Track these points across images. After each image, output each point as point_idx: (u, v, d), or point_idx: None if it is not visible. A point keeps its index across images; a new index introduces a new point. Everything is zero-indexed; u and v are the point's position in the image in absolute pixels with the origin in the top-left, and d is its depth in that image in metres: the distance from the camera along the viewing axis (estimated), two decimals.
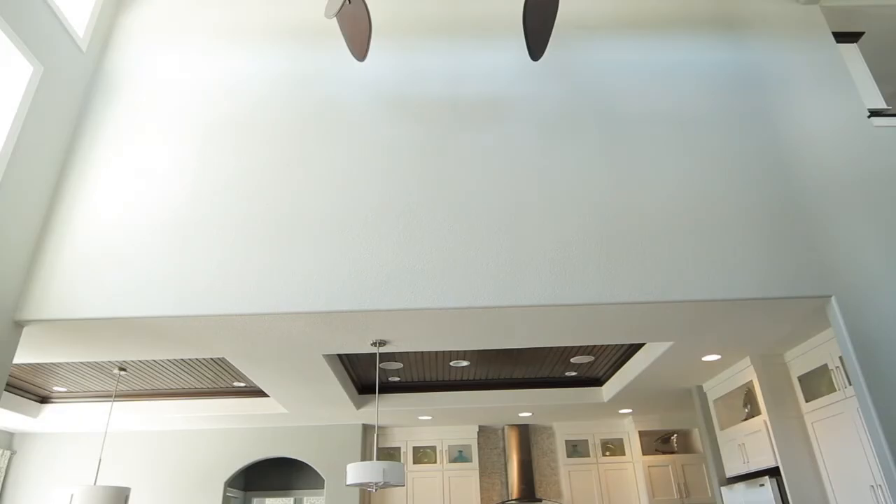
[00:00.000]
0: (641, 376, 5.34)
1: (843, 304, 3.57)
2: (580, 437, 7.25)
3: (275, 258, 3.62)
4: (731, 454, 5.23)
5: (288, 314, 3.52)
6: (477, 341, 4.14)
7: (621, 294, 3.53)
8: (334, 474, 6.66)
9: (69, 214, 3.75)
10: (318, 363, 4.65)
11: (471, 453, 7.13)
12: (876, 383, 3.39)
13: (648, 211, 3.78)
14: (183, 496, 6.63)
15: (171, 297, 3.50)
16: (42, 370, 5.41)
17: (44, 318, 3.45)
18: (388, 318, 3.66)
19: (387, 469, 3.88)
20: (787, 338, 4.39)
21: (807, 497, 4.36)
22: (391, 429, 7.20)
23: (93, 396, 6.26)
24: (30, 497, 6.61)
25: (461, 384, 6.31)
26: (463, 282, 3.55)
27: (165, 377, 5.73)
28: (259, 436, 6.91)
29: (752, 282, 3.58)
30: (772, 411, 4.64)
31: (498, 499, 7.19)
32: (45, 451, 6.83)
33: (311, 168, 3.91)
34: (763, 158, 3.99)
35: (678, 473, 6.73)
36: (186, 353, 4.19)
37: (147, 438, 6.90)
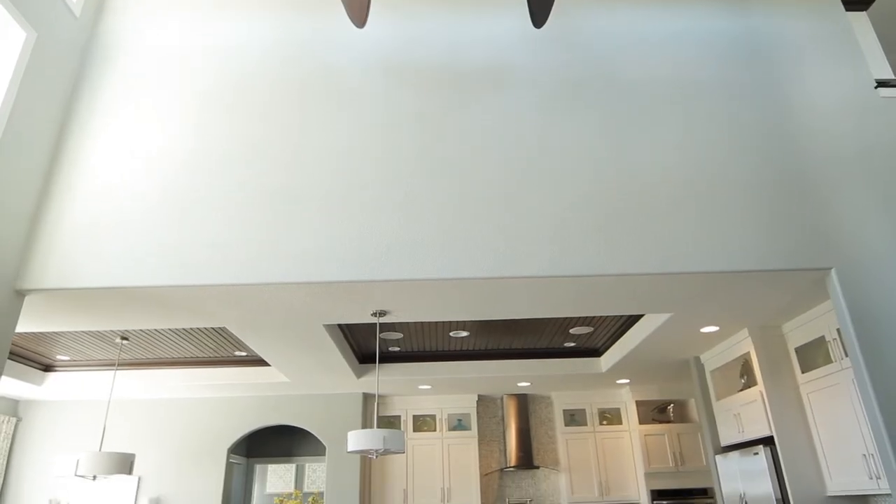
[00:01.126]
0: (640, 347, 5.38)
1: (843, 277, 3.57)
2: (578, 407, 7.34)
3: (274, 228, 3.61)
4: (727, 424, 5.30)
5: (288, 284, 3.52)
6: (476, 312, 4.16)
7: (621, 266, 3.53)
8: (335, 442, 6.77)
9: (67, 183, 3.72)
10: (319, 333, 4.68)
11: (470, 422, 7.23)
12: (872, 355, 3.41)
13: (649, 182, 3.75)
14: (187, 463, 6.75)
15: (170, 266, 3.51)
16: (45, 339, 5.45)
17: (44, 288, 3.46)
18: (388, 289, 3.66)
19: (387, 436, 3.94)
20: (785, 310, 4.41)
21: (800, 465, 4.44)
22: (391, 398, 7.30)
23: (96, 365, 6.33)
24: (36, 463, 6.74)
25: (461, 354, 6.37)
26: (463, 253, 3.55)
27: (167, 346, 5.78)
28: (261, 404, 7.00)
29: (752, 254, 3.58)
30: (768, 382, 4.69)
31: (496, 466, 7.32)
32: (50, 418, 6.93)
33: (309, 137, 3.87)
34: (766, 129, 3.95)
35: (674, 442, 6.84)
36: (188, 322, 4.21)
37: (150, 406, 7.00)
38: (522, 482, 7.26)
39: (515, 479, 7.27)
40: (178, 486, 6.65)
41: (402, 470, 6.97)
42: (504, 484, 7.26)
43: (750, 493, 4.83)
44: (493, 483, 7.24)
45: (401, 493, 6.87)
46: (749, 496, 4.84)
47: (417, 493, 6.87)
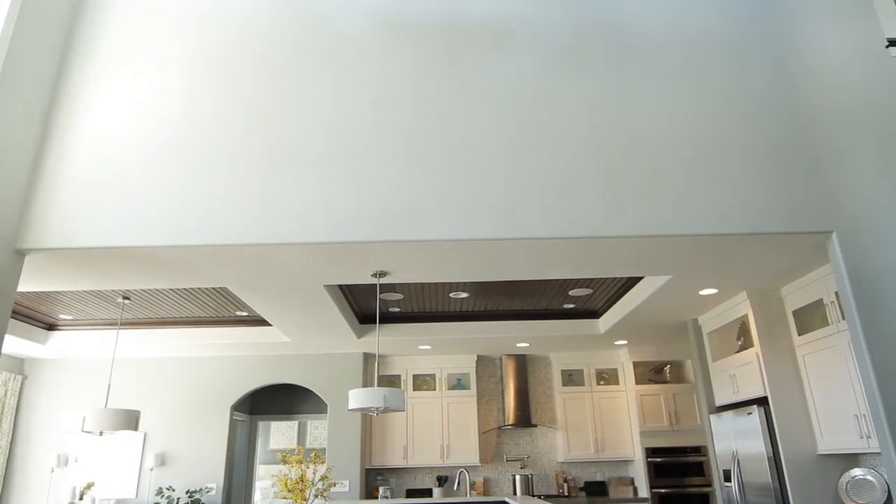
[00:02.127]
0: (638, 309, 5.42)
1: (844, 240, 3.56)
2: (576, 367, 7.44)
3: (272, 188, 3.58)
4: (722, 384, 5.38)
5: (287, 245, 3.52)
6: (476, 273, 4.17)
7: (621, 227, 3.52)
8: (336, 400, 6.89)
9: (63, 142, 3.68)
10: (319, 293, 4.71)
11: (469, 381, 7.34)
12: (869, 318, 3.43)
13: (651, 142, 3.71)
14: (191, 420, 6.89)
15: (168, 226, 3.49)
16: (47, 298, 5.49)
17: (44, 247, 3.45)
18: (388, 250, 3.66)
19: (387, 395, 4.00)
20: (784, 273, 4.42)
21: (792, 425, 4.53)
22: (392, 357, 7.39)
23: (99, 324, 6.39)
24: (43, 419, 6.87)
25: (460, 315, 6.41)
26: (462, 213, 3.53)
27: (169, 306, 5.82)
28: (263, 363, 7.09)
29: (754, 216, 3.56)
30: (764, 344, 4.74)
31: (495, 424, 7.47)
32: (56, 376, 7.03)
33: (305, 95, 3.80)
34: (771, 89, 3.87)
35: (669, 402, 6.96)
36: (188, 282, 4.22)
37: (154, 365, 7.10)
38: (520, 440, 7.42)
39: (513, 437, 7.42)
40: (183, 442, 6.80)
41: (402, 427, 7.11)
42: (502, 441, 7.42)
43: (742, 451, 4.94)
44: (491, 440, 7.40)
45: (401, 450, 7.02)
46: (741, 454, 4.95)
47: (417, 450, 7.02)
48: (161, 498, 6.50)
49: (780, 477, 4.49)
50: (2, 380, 6.61)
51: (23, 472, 6.68)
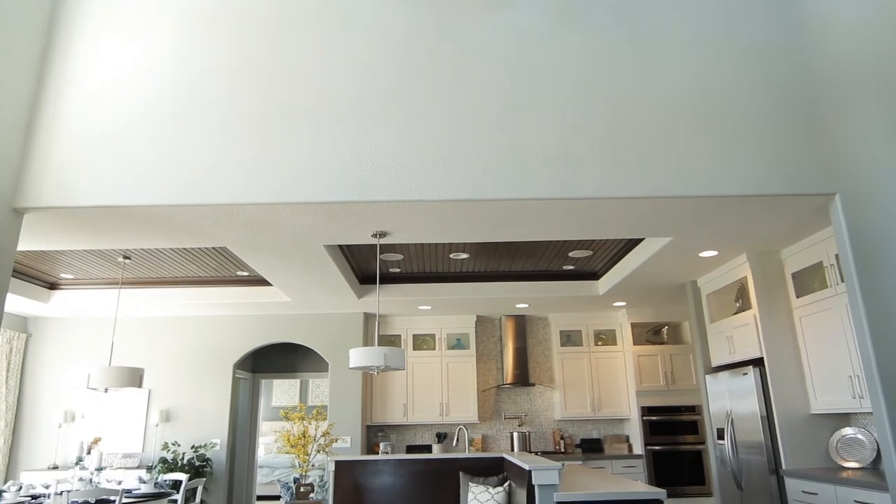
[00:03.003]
0: (638, 271, 5.43)
1: (847, 203, 3.54)
2: (574, 328, 7.51)
3: (270, 147, 3.54)
4: (719, 345, 5.44)
5: (286, 204, 3.50)
6: (476, 234, 4.17)
7: (623, 188, 3.50)
8: (337, 359, 6.98)
9: (56, 101, 3.62)
10: (319, 253, 4.71)
11: (468, 341, 7.43)
12: (868, 280, 3.45)
13: (654, 103, 3.65)
14: (195, 377, 6.99)
15: (166, 185, 3.47)
16: (47, 257, 5.50)
17: (41, 206, 3.44)
18: (388, 210, 3.65)
19: (388, 353, 4.05)
20: (785, 235, 4.41)
21: (786, 385, 4.60)
22: (392, 317, 7.45)
23: (100, 283, 6.42)
24: (48, 377, 6.98)
25: (460, 276, 6.44)
26: (463, 173, 3.50)
27: (169, 266, 5.83)
28: (264, 322, 7.16)
29: (757, 177, 3.53)
30: (762, 306, 4.77)
31: (494, 383, 7.59)
32: (59, 334, 7.11)
33: (302, 52, 3.72)
34: (776, 49, 3.79)
35: (666, 362, 7.05)
36: (187, 242, 4.22)
37: (157, 324, 7.16)
38: (518, 398, 7.55)
39: (512, 396, 7.56)
40: (187, 400, 6.92)
41: (402, 386, 7.23)
42: (501, 399, 7.55)
43: (736, 410, 5.03)
44: (490, 399, 7.53)
45: (401, 408, 7.16)
46: (735, 413, 5.04)
47: (417, 408, 7.16)
48: (167, 453, 6.66)
49: (772, 435, 4.59)
50: (6, 338, 6.68)
51: (31, 428, 6.82)
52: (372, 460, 4.80)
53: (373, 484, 4.73)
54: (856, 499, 3.69)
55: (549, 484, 3.31)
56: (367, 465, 4.78)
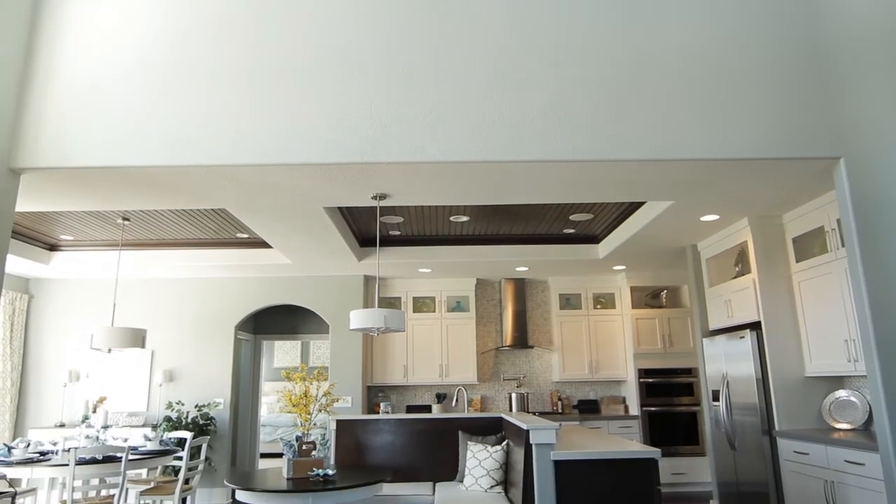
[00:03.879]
0: (639, 234, 5.42)
1: (851, 167, 3.51)
2: (573, 291, 7.55)
3: (269, 107, 3.49)
4: (717, 309, 5.48)
5: (284, 165, 3.47)
6: (477, 196, 4.14)
7: (625, 151, 3.46)
8: (338, 320, 7.04)
9: (49, 60, 3.55)
10: (319, 216, 4.69)
11: (468, 304, 7.48)
12: (869, 245, 3.44)
13: (656, 63, 3.57)
14: (197, 339, 7.06)
15: (162, 146, 3.43)
16: (46, 219, 5.48)
17: (38, 167, 3.41)
18: (388, 172, 3.62)
19: (388, 315, 4.08)
20: (788, 199, 4.38)
21: (782, 348, 4.64)
22: (392, 280, 7.48)
23: (100, 245, 6.42)
24: (52, 337, 7.05)
25: (460, 239, 6.44)
26: (464, 135, 3.46)
27: (169, 227, 5.82)
28: (265, 284, 7.19)
29: (761, 140, 3.49)
30: (762, 270, 4.78)
31: (493, 345, 7.67)
32: (61, 295, 7.14)
33: (299, 9, 3.62)
34: (782, 8, 3.68)
35: (664, 326, 7.11)
36: (186, 203, 4.20)
37: (158, 285, 7.19)
38: (517, 360, 7.64)
39: (510, 358, 7.65)
40: (190, 360, 7.00)
41: (402, 347, 7.31)
42: (499, 361, 7.65)
43: (732, 373, 5.09)
44: (489, 360, 7.63)
45: (401, 369, 7.26)
46: (731, 376, 5.11)
47: (417, 369, 7.25)
48: (171, 412, 6.77)
49: (766, 397, 4.66)
50: (8, 299, 6.72)
51: (37, 387, 6.92)
52: (372, 419, 4.89)
53: (373, 442, 4.83)
54: (846, 458, 3.77)
55: (546, 443, 3.38)
56: (368, 425, 4.87)
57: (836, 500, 3.85)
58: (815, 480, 4.07)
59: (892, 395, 3.28)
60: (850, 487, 3.73)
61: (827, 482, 3.93)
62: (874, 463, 3.52)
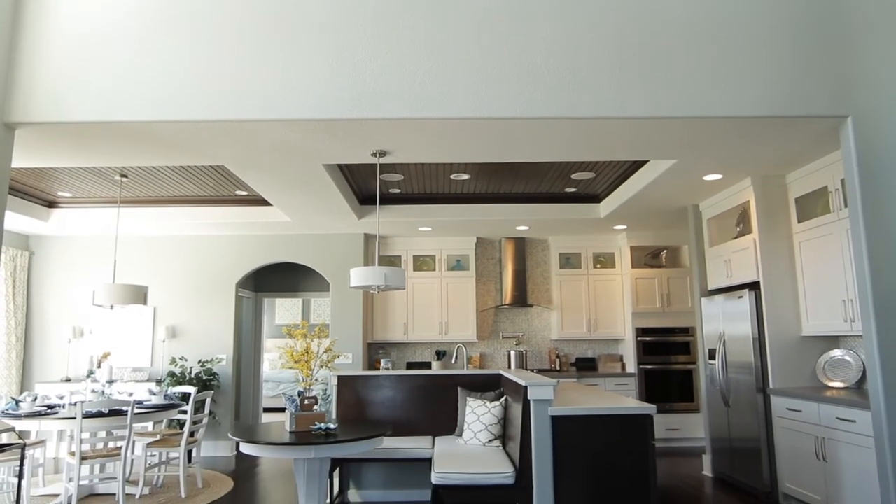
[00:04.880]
0: (640, 194, 5.39)
1: (859, 126, 3.46)
2: (574, 251, 7.56)
3: (268, 61, 3.41)
4: (717, 269, 5.49)
5: (283, 121, 3.42)
6: (478, 154, 4.10)
7: (630, 108, 3.40)
8: (338, 278, 7.07)
9: (40, 9, 3.44)
10: (319, 173, 4.65)
11: (468, 262, 7.50)
12: (873, 205, 3.42)
13: (663, 20, 3.47)
14: (198, 296, 7.11)
15: (158, 100, 3.37)
16: (44, 175, 5.43)
17: (32, 121, 3.36)
18: (388, 128, 3.56)
19: (388, 273, 4.09)
20: (792, 159, 4.34)
21: (780, 308, 4.67)
22: (392, 238, 7.48)
23: (98, 202, 6.39)
24: (54, 294, 7.09)
25: (461, 197, 6.40)
26: (466, 90, 3.40)
27: (168, 184, 5.78)
28: (266, 242, 7.19)
29: (768, 98, 3.42)
30: (763, 230, 4.77)
31: (492, 304, 7.73)
32: (62, 252, 7.15)
33: None
34: None
35: (663, 285, 7.15)
36: (184, 159, 4.16)
37: (158, 243, 7.20)
38: (516, 318, 7.71)
39: (510, 316, 7.72)
40: (192, 317, 7.06)
41: (402, 305, 7.36)
42: (499, 320, 7.72)
43: (729, 332, 5.14)
44: (488, 319, 7.70)
45: (401, 326, 7.33)
46: (728, 335, 5.16)
47: (417, 326, 7.33)
48: (175, 367, 6.88)
49: (762, 356, 4.72)
50: (9, 256, 6.73)
51: (42, 342, 7.01)
52: (373, 375, 4.96)
53: (374, 398, 4.91)
54: (838, 416, 3.84)
55: (543, 399, 3.44)
56: (369, 380, 4.94)
57: (826, 456, 3.94)
58: (806, 437, 4.16)
59: (886, 353, 3.32)
60: (840, 444, 3.82)
61: (818, 438, 4.02)
62: (865, 420, 3.59)
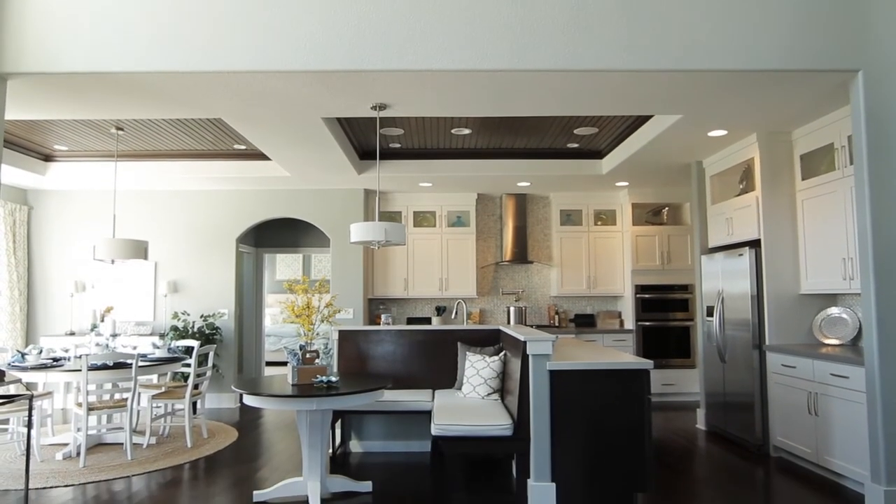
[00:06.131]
0: (644, 150, 5.32)
1: (869, 80, 3.39)
2: (575, 208, 7.53)
3: (264, 11, 3.31)
4: (718, 227, 5.47)
5: (281, 72, 3.34)
6: (480, 108, 4.02)
7: (637, 61, 3.32)
8: (338, 234, 7.07)
9: None
10: (318, 126, 4.58)
11: (469, 219, 7.47)
12: (879, 162, 3.39)
13: None
14: (198, 251, 7.11)
15: (152, 50, 3.29)
16: (39, 128, 5.35)
17: (23, 72, 3.28)
18: (388, 80, 3.49)
19: (388, 228, 4.07)
20: (799, 114, 4.26)
21: (780, 266, 4.68)
22: (392, 194, 7.44)
23: (95, 155, 6.32)
24: (54, 248, 7.10)
25: (462, 152, 6.32)
26: (468, 41, 3.31)
27: (164, 138, 5.70)
28: (265, 197, 7.15)
29: (778, 52, 3.34)
30: (766, 187, 4.73)
31: (492, 260, 7.74)
32: (61, 207, 7.12)
33: None
34: None
35: (663, 243, 7.15)
36: (179, 112, 4.09)
37: (158, 198, 7.15)
38: (516, 275, 7.74)
39: (510, 273, 7.74)
40: (193, 272, 7.09)
41: (402, 261, 7.38)
42: (499, 276, 7.75)
43: (728, 290, 5.17)
44: (488, 275, 7.73)
45: (402, 282, 7.36)
46: (726, 292, 5.19)
47: (417, 282, 7.36)
48: (177, 321, 6.94)
49: (759, 314, 4.75)
50: (8, 210, 6.70)
51: (44, 297, 7.05)
52: (374, 330, 5.01)
53: (375, 352, 4.98)
54: (832, 372, 3.89)
55: (542, 354, 3.48)
56: (370, 335, 5.00)
57: (818, 411, 4.02)
58: (799, 392, 4.23)
59: (883, 310, 3.35)
60: (832, 399, 3.89)
61: (811, 394, 4.09)
62: (858, 376, 3.64)
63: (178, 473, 4.27)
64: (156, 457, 4.64)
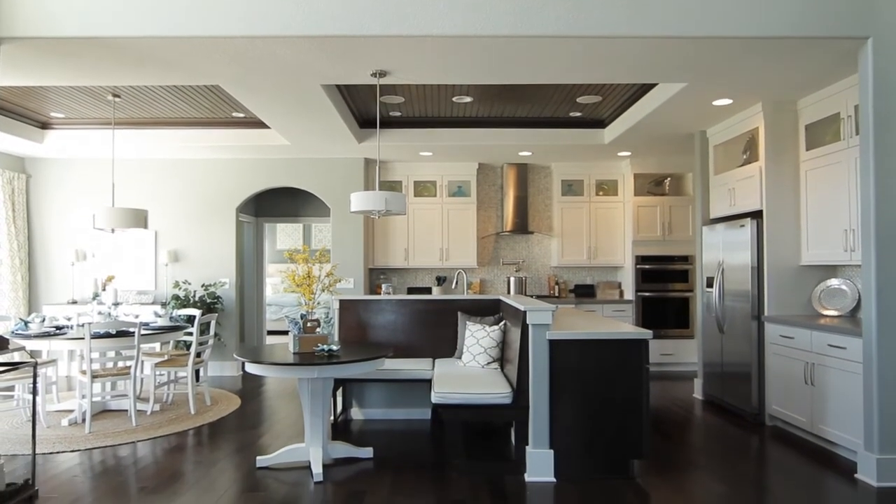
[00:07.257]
0: (647, 119, 5.26)
1: (879, 48, 3.33)
2: (576, 178, 7.48)
3: None
4: (720, 197, 5.44)
5: (279, 38, 3.28)
6: (481, 75, 3.96)
7: (643, 27, 3.25)
8: (339, 203, 7.04)
9: None
10: (317, 94, 4.52)
11: (469, 189, 7.43)
12: (885, 132, 3.35)
13: None
14: (198, 220, 7.10)
15: (148, 15, 3.22)
16: (34, 95, 5.28)
17: (16, 36, 3.22)
18: (389, 46, 3.42)
19: (389, 198, 4.05)
20: (806, 83, 4.20)
21: (781, 237, 4.67)
22: (392, 163, 7.38)
23: (92, 123, 6.25)
24: (53, 217, 7.08)
25: (463, 121, 6.25)
26: (471, 6, 3.24)
27: (162, 105, 5.63)
28: (265, 166, 7.10)
29: (787, 18, 3.27)
30: (770, 158, 4.68)
31: (493, 230, 7.73)
32: (59, 175, 7.08)
33: None
34: None
35: (665, 213, 7.12)
36: (177, 78, 4.03)
37: (157, 166, 7.10)
38: (517, 245, 7.74)
39: (510, 243, 7.74)
40: (193, 241, 7.08)
41: (403, 231, 7.37)
42: (499, 246, 7.75)
43: (728, 261, 5.17)
44: (489, 245, 7.73)
45: (402, 252, 7.37)
46: (727, 263, 5.19)
47: (418, 252, 7.37)
48: (179, 290, 6.97)
49: (759, 285, 4.76)
50: (6, 178, 6.66)
51: (45, 266, 7.06)
52: (375, 300, 5.03)
53: (375, 321, 5.00)
54: (829, 342, 3.92)
55: (542, 324, 3.49)
56: (370, 305, 5.02)
57: (814, 381, 4.06)
58: (796, 362, 4.27)
59: (883, 281, 3.35)
60: (829, 369, 3.92)
61: (807, 364, 4.12)
62: (855, 347, 3.66)
63: (182, 439, 4.34)
64: (160, 423, 4.71)
